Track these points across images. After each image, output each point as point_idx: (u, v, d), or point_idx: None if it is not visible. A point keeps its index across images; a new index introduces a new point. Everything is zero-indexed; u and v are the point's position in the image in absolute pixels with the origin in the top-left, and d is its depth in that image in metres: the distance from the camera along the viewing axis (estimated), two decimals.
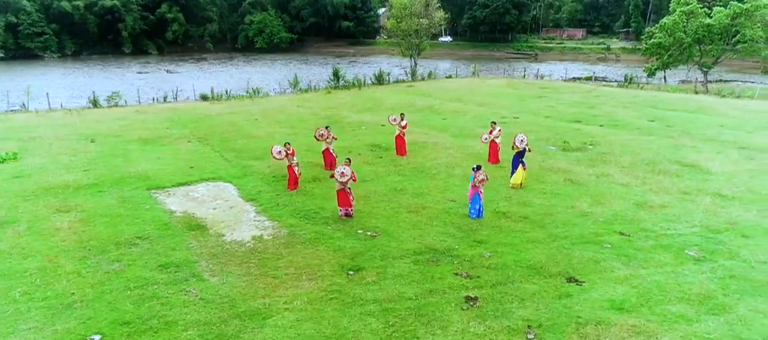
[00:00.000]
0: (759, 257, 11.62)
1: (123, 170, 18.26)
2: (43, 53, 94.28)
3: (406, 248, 12.11)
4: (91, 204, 14.83)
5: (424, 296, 10.04)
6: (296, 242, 12.48)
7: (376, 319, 9.26)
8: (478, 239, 12.62)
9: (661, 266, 11.22)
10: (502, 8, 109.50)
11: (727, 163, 19.10)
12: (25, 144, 21.97)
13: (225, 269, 11.09)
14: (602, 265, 11.26)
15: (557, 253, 11.80)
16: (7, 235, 12.75)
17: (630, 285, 10.40)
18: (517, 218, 13.95)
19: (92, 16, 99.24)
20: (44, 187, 16.20)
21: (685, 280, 10.62)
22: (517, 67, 71.53)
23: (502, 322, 9.16)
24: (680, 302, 9.79)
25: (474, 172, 13.85)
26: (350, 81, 43.50)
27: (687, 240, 12.55)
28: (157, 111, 31.21)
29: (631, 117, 27.94)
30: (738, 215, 14.14)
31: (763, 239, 12.62)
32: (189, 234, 12.93)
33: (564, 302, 9.76)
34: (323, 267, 11.20)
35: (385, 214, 14.29)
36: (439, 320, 9.24)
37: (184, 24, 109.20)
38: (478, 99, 34.77)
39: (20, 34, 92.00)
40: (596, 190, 16.22)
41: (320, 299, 9.88)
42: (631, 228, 13.25)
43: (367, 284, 10.47)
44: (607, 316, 9.30)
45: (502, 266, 11.18)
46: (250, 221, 13.85)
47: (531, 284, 10.45)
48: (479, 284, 10.47)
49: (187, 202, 15.32)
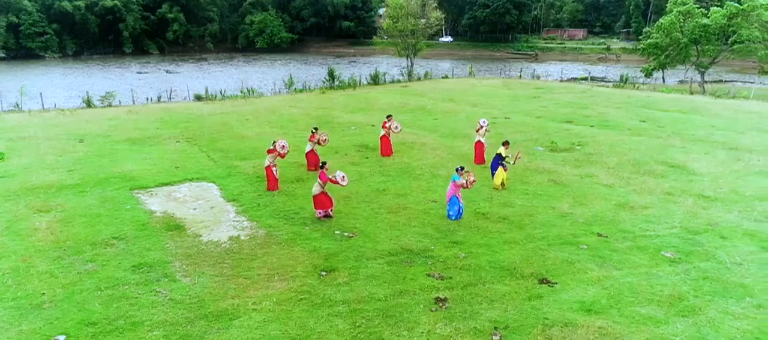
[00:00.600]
0: (735, 259, 11.57)
1: (108, 170, 18.29)
2: (44, 53, 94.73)
3: (381, 248, 12.09)
4: (71, 204, 14.85)
5: (394, 297, 10.02)
6: (272, 243, 12.47)
7: (344, 320, 9.25)
8: (455, 239, 12.59)
9: (636, 268, 11.17)
10: (503, 8, 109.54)
11: (714, 164, 19.03)
12: (14, 144, 22.02)
13: (198, 270, 11.09)
14: (576, 266, 11.22)
15: (532, 254, 11.76)
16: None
17: (602, 287, 10.36)
18: (497, 218, 13.92)
19: (93, 16, 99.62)
20: (27, 187, 16.23)
21: (657, 281, 10.57)
22: (516, 68, 71.46)
23: (469, 323, 9.13)
24: (650, 304, 9.74)
25: (458, 172, 13.81)
26: (345, 81, 43.50)
27: (665, 241, 12.50)
28: (150, 111, 31.27)
29: (622, 117, 27.86)
30: (719, 216, 14.08)
31: (741, 240, 12.56)
32: (166, 234, 12.94)
33: (533, 304, 9.72)
34: (296, 268, 11.19)
35: (365, 214, 14.27)
36: (406, 321, 9.21)
37: (185, 24, 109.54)
38: (472, 100, 34.73)
39: (21, 34, 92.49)
40: (579, 191, 16.18)
41: (289, 300, 9.87)
42: (610, 229, 13.20)
43: (338, 285, 10.45)
44: (575, 317, 9.27)
45: (476, 267, 11.15)
46: (229, 222, 13.85)
47: (502, 286, 10.41)
48: (450, 285, 10.44)
49: (168, 202, 15.33)
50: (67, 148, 21.37)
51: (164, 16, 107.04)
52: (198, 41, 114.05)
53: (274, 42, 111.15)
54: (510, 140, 22.27)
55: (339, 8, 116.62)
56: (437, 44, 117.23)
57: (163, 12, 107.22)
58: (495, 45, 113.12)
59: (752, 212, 14.33)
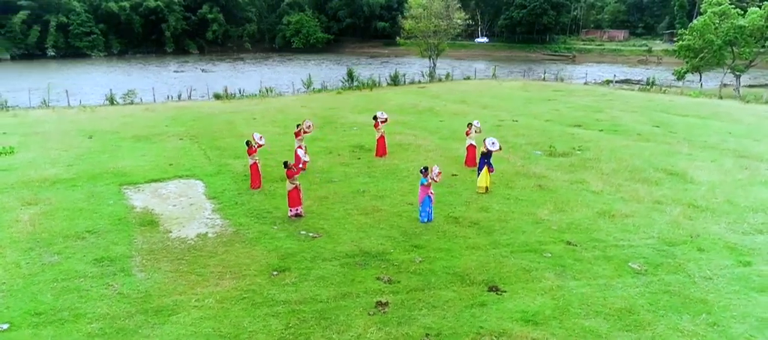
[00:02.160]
0: (705, 273, 11.04)
1: (105, 165, 18.90)
2: (91, 52, 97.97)
3: (340, 250, 12.08)
4: (59, 198, 15.43)
5: (336, 299, 10.00)
6: (237, 241, 12.63)
7: (279, 320, 9.29)
8: (417, 243, 12.46)
9: (595, 278, 10.80)
10: (540, 9, 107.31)
11: (717, 172, 18.18)
12: (27, 139, 23.05)
13: (156, 265, 11.35)
14: (532, 274, 10.94)
15: (491, 261, 11.53)
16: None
17: (552, 297, 10.06)
18: (468, 223, 13.70)
19: (137, 16, 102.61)
20: (24, 180, 16.95)
21: (613, 293, 10.20)
22: (551, 69, 70.09)
23: (402, 329, 9.03)
24: (597, 317, 9.41)
25: (423, 174, 13.68)
26: (364, 82, 43.58)
27: (636, 252, 12.04)
28: (165, 109, 32.15)
29: (635, 122, 26.94)
30: (704, 227, 13.46)
31: (719, 253, 11.98)
32: (138, 230, 13.29)
33: (474, 312, 9.54)
34: (251, 267, 11.30)
35: (337, 215, 14.28)
36: (340, 323, 9.18)
37: (224, 24, 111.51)
38: (484, 102, 34.24)
39: (70, 33, 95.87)
40: (564, 197, 15.74)
41: (232, 299, 9.98)
42: (582, 237, 12.80)
43: (285, 285, 10.51)
44: (511, 327, 9.04)
45: (428, 272, 11.01)
46: (202, 219, 14.10)
47: (449, 292, 10.25)
48: (396, 289, 10.35)
49: (151, 198, 15.74)
50: (74, 143, 22.21)
51: (204, 16, 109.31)
52: (236, 41, 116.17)
53: (309, 42, 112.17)
54: (511, 144, 22.11)
55: (374, 9, 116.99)
56: (472, 45, 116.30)
57: (203, 12, 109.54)
58: (531, 46, 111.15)
59: (741, 224, 13.63)
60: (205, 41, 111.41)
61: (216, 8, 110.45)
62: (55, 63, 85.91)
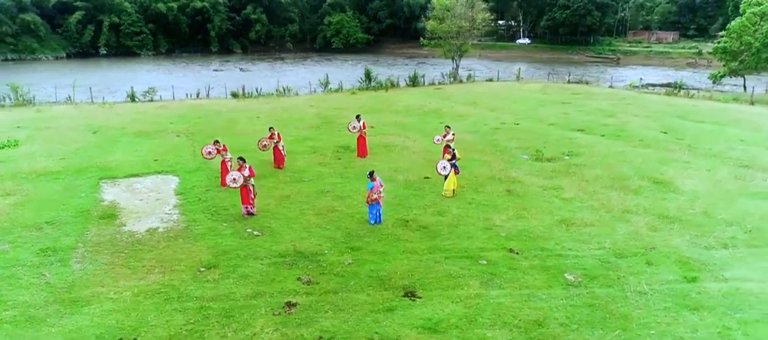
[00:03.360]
0: (642, 287, 10.49)
1: (95, 160, 19.65)
2: (140, 51, 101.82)
3: (275, 249, 12.15)
4: (37, 190, 16.15)
5: (248, 297, 10.07)
6: (181, 237, 12.90)
7: (183, 316, 9.44)
8: (356, 245, 12.38)
9: (521, 288, 10.44)
10: (584, 9, 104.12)
11: (707, 181, 17.21)
12: (36, 133, 24.25)
13: (94, 257, 11.72)
14: (457, 281, 10.68)
15: (421, 266, 11.32)
16: None
17: (465, 305, 9.80)
18: (416, 227, 13.50)
19: (184, 16, 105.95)
20: (13, 172, 17.85)
21: (532, 305, 9.83)
22: (592, 72, 68.21)
23: (299, 330, 9.00)
24: (504, 328, 9.09)
25: (369, 179, 13.58)
26: (381, 82, 43.53)
27: (579, 263, 11.56)
28: (178, 107, 33.15)
29: (643, 127, 25.79)
30: (665, 239, 12.77)
31: (667, 267, 11.35)
32: (96, 222, 13.76)
33: (377, 316, 9.40)
34: (183, 262, 11.51)
35: (290, 215, 14.36)
36: (241, 322, 9.24)
37: (267, 24, 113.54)
38: (494, 104, 33.58)
39: (121, 33, 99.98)
40: (530, 203, 15.28)
41: (149, 293, 10.20)
42: (529, 246, 12.39)
43: (206, 282, 10.65)
44: (408, 334, 8.86)
45: (352, 275, 10.93)
46: (160, 214, 14.47)
47: (363, 295, 10.14)
48: (312, 290, 10.32)
49: (123, 192, 16.26)
50: (77, 138, 23.20)
51: (248, 16, 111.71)
52: (278, 41, 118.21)
53: (349, 42, 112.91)
54: (501, 148, 21.65)
55: (415, 9, 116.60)
56: (513, 46, 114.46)
57: (247, 13, 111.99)
58: (574, 48, 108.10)
59: (707, 238, 12.86)
60: (248, 41, 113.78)
61: (259, 9, 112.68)
62: (107, 61, 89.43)
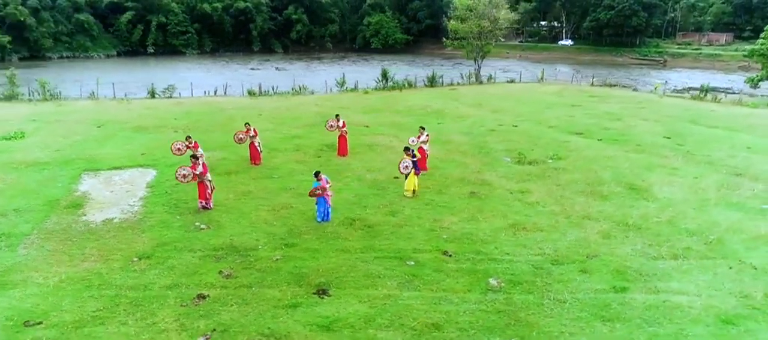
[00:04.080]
0: (563, 296, 10.15)
1: (87, 152, 20.51)
2: (185, 50, 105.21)
3: (213, 243, 12.38)
4: (20, 179, 16.99)
5: (165, 288, 10.32)
6: (131, 228, 13.32)
7: (96, 303, 9.76)
8: (292, 242, 12.49)
9: (437, 291, 10.30)
10: (629, 10, 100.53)
11: (688, 189, 16.41)
12: (44, 126, 25.51)
13: (42, 244, 12.27)
14: (374, 282, 10.63)
15: (346, 265, 11.31)
16: None
17: (371, 305, 9.74)
18: (361, 226, 13.48)
19: (228, 16, 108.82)
20: (5, 162, 18.84)
21: (440, 308, 9.68)
22: (635, 75, 66.22)
23: (197, 322, 9.17)
24: (399, 329, 9.00)
25: (315, 177, 13.66)
26: (398, 82, 43.47)
27: (510, 268, 11.29)
28: (190, 103, 34.16)
29: (647, 131, 24.80)
30: (610, 247, 12.30)
31: (601, 276, 10.93)
32: (60, 211, 14.37)
33: (278, 312, 9.48)
34: (121, 252, 11.89)
35: (244, 210, 14.60)
36: (147, 312, 9.48)
37: (308, 25, 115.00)
38: (500, 105, 33.01)
39: (168, 32, 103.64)
40: (489, 206, 14.99)
41: (74, 280, 10.60)
42: (466, 249, 12.18)
43: (132, 272, 10.98)
44: (300, 330, 8.90)
45: (273, 271, 11.04)
46: (124, 205, 14.98)
47: (275, 291, 10.24)
48: (228, 284, 10.49)
49: (99, 184, 16.92)
50: (79, 131, 24.26)
51: (289, 17, 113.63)
52: (319, 41, 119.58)
53: (388, 43, 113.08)
54: (486, 150, 21.30)
55: None
56: (555, 47, 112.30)
57: (288, 13, 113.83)
58: (619, 49, 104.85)
59: (659, 247, 12.30)
60: (289, 41, 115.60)
61: (301, 9, 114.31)
62: (154, 59, 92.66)
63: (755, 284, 10.57)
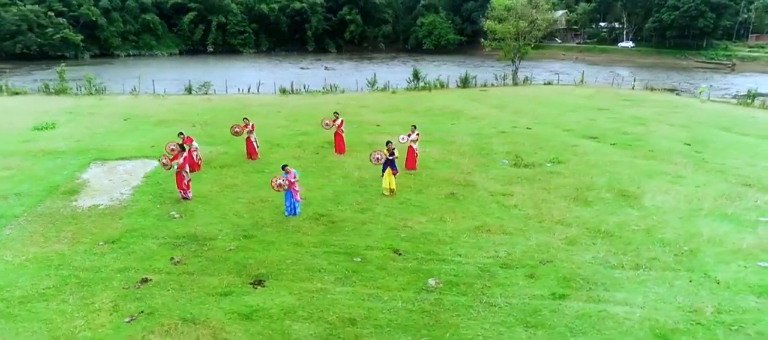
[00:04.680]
0: (497, 300, 9.96)
1: (103, 143, 21.74)
2: (242, 49, 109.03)
3: (179, 232, 12.89)
4: (32, 166, 18.26)
5: (115, 271, 10.88)
6: (111, 214, 14.06)
7: (49, 281, 10.42)
8: (252, 234, 12.83)
9: (371, 288, 10.35)
10: (695, 10, 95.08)
11: (684, 198, 15.53)
12: (75, 118, 27.23)
13: (26, 226, 13.18)
14: (313, 275, 10.80)
15: (293, 258, 11.54)
16: None
17: (298, 297, 9.92)
18: (325, 222, 13.67)
19: (284, 17, 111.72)
20: (26, 150, 20.29)
21: (365, 304, 9.74)
22: (695, 78, 63.10)
23: (130, 304, 9.64)
24: (315, 322, 9.15)
25: (282, 170, 13.95)
26: (430, 82, 43.29)
27: (454, 269, 11.16)
28: (219, 100, 35.44)
29: (666, 137, 23.61)
30: (570, 254, 11.90)
31: (546, 282, 10.62)
32: (55, 196, 15.38)
33: (207, 299, 9.82)
34: (93, 236, 12.59)
35: (222, 202, 15.10)
36: (90, 291, 10.05)
37: (361, 25, 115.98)
38: (522, 107, 32.28)
39: (227, 32, 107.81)
40: (464, 207, 14.81)
41: (40, 259, 11.34)
42: (419, 248, 12.12)
43: (93, 255, 11.62)
44: (220, 317, 9.19)
45: (221, 260, 11.41)
46: (115, 193, 15.82)
47: (214, 279, 10.59)
48: (173, 270, 10.93)
49: (102, 172, 17.93)
50: (105, 124, 25.74)
51: (344, 17, 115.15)
52: (371, 41, 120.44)
53: (440, 43, 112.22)
54: (487, 151, 20.99)
55: None
56: (614, 49, 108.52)
57: (343, 14, 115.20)
58: (683, 52, 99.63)
59: (623, 256, 11.79)
60: (343, 41, 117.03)
61: (355, 10, 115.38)
62: (213, 58, 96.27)
63: (709, 299, 9.97)
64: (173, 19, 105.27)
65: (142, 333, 8.73)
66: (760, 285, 10.46)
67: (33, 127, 24.37)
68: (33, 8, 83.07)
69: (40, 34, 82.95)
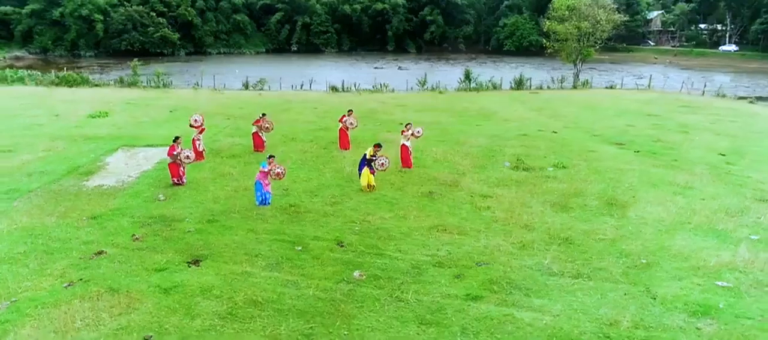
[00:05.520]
0: (408, 296, 9.99)
1: (140, 131, 23.74)
2: (325, 48, 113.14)
3: (153, 213, 13.90)
4: (69, 148, 20.33)
5: (82, 243, 11.96)
6: (109, 195, 15.39)
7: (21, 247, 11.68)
8: (217, 219, 13.59)
9: (295, 275, 10.71)
10: None
11: (676, 211, 14.49)
12: (129, 108, 29.83)
13: (33, 200, 14.79)
14: (248, 259, 11.32)
15: (239, 242, 12.14)
16: None
17: (222, 278, 10.48)
18: (293, 212, 14.15)
19: (366, 17, 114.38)
20: (71, 134, 22.61)
21: (277, 289, 10.14)
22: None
23: (74, 272, 10.68)
24: (221, 300, 9.67)
25: (267, 160, 14.66)
26: (482, 84, 42.68)
27: (386, 264, 11.28)
28: (269, 96, 37.29)
29: (701, 147, 21.93)
30: (514, 258, 11.60)
31: (470, 283, 10.47)
32: (72, 175, 17.09)
33: (140, 273, 10.63)
34: (81, 212, 13.88)
35: (209, 189, 16.07)
36: (50, 259, 11.19)
37: (442, 25, 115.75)
38: (561, 110, 31.16)
39: (311, 32, 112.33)
40: (434, 206, 14.80)
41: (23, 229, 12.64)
42: (364, 242, 12.31)
43: (72, 228, 12.86)
44: (141, 288, 9.98)
45: (176, 240, 12.25)
46: (123, 176, 17.31)
47: (159, 256, 11.42)
48: (129, 246, 11.90)
49: (123, 157, 19.63)
50: (152, 115, 27.99)
51: (425, 18, 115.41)
52: (452, 42, 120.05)
53: (522, 45, 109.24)
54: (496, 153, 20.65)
55: None
56: (715, 53, 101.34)
57: (424, 14, 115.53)
58: None
59: (570, 264, 11.35)
60: (423, 41, 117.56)
61: (436, 10, 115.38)
62: (296, 57, 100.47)
63: (634, 313, 9.41)
64: (262, 20, 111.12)
65: (71, 297, 9.69)
66: (699, 304, 9.71)
67: (88, 115, 27.04)
68: (138, 9, 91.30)
69: (142, 33, 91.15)
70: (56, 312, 9.19)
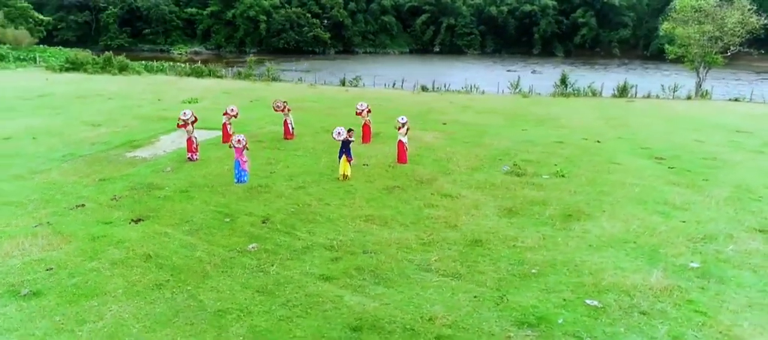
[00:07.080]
0: (269, 269, 11.02)
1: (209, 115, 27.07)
2: (467, 50, 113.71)
3: (147, 181, 16.39)
4: (137, 126, 24.24)
5: (75, 197, 14.80)
6: (132, 164, 18.41)
7: (27, 195, 14.90)
8: (188, 190, 15.60)
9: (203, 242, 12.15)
10: None
11: (634, 230, 13.20)
12: (219, 97, 33.97)
13: (76, 163, 18.33)
14: (179, 224, 13.10)
15: (187, 210, 13.93)
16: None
17: (140, 235, 12.39)
18: (254, 192, 15.55)
19: (513, 19, 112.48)
20: (156, 115, 26.70)
21: (180, 251, 11.72)
22: None
23: (48, 218, 13.45)
24: (121, 250, 11.58)
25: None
26: (579, 90, 40.26)
27: (285, 242, 12.26)
28: (356, 92, 39.45)
29: (748, 166, 18.98)
30: (398, 252, 11.75)
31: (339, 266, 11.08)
32: (123, 147, 20.59)
33: (89, 222, 13.03)
34: (98, 175, 16.90)
35: (209, 166, 18.29)
36: (39, 206, 14.15)
37: (595, 28, 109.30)
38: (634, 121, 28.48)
39: (455, 33, 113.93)
40: (384, 201, 15.15)
41: (41, 183, 15.94)
42: (290, 221, 13.33)
43: (81, 186, 15.86)
44: (77, 234, 12.30)
45: (143, 202, 14.50)
46: (160, 150, 20.43)
47: (116, 212, 13.76)
48: (103, 203, 14.44)
49: (177, 136, 22.59)
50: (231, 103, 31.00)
51: (576, 20, 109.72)
52: (605, 46, 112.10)
53: None
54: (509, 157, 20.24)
55: None
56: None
57: (575, 16, 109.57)
58: None
59: (448, 263, 11.28)
60: (572, 45, 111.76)
61: (590, 12, 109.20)
62: (438, 58, 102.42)
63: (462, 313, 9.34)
64: (408, 21, 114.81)
65: (28, 234, 12.30)
66: (537, 316, 9.29)
67: (182, 101, 31.46)
68: (296, 10, 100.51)
69: (298, 32, 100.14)
70: (8, 242, 11.83)
